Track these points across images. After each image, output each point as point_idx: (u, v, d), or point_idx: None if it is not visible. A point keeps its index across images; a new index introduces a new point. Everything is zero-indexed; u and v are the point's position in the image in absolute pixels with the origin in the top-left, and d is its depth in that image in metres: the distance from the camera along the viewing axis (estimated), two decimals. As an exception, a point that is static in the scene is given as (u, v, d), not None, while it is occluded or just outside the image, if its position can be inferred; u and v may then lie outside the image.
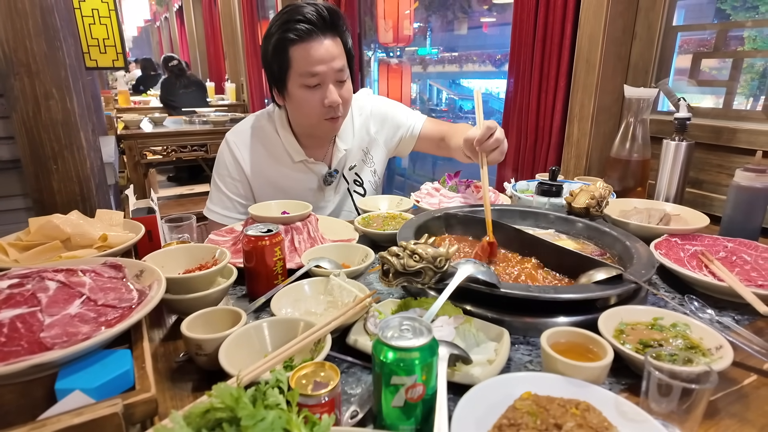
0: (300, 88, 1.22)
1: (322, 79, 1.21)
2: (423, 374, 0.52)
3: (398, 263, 0.73)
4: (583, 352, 0.65)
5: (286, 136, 1.36)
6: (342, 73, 1.23)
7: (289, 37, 1.17)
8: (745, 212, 1.11)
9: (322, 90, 1.22)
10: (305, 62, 1.18)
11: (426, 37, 4.75)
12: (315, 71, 1.19)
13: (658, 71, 1.57)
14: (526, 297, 0.75)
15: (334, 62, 1.20)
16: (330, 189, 1.45)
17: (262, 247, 0.84)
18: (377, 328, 0.69)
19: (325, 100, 1.22)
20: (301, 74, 1.20)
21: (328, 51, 1.19)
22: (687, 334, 0.70)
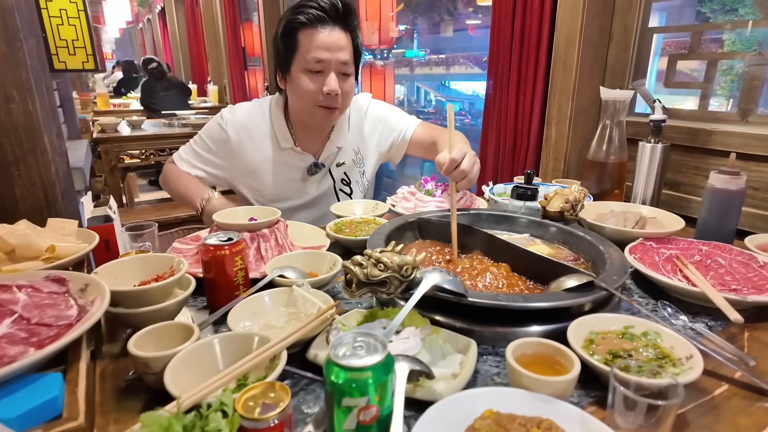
0: (302, 72, 1.24)
1: (325, 67, 1.22)
2: (377, 394, 0.49)
3: (361, 273, 0.70)
4: (550, 364, 0.63)
5: (278, 121, 1.36)
6: (346, 66, 1.25)
7: (298, 20, 1.20)
8: (719, 215, 1.10)
9: (323, 78, 1.24)
10: (311, 47, 1.21)
11: (413, 39, 4.75)
12: (319, 57, 1.21)
13: (635, 73, 1.56)
14: (493, 306, 0.72)
15: (340, 53, 1.22)
16: (313, 181, 1.44)
17: (221, 257, 0.80)
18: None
19: (324, 87, 1.23)
20: (305, 59, 1.22)
21: (335, 40, 1.21)
22: (658, 343, 0.68)
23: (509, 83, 1.79)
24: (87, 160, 2.12)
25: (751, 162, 1.29)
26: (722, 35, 1.46)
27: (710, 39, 1.47)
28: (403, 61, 4.94)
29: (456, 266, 0.94)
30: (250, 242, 0.98)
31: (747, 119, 1.32)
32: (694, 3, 1.65)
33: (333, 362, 0.49)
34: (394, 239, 1.05)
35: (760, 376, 0.67)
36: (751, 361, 0.70)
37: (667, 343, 0.67)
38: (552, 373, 0.61)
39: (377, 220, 1.21)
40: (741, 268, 0.96)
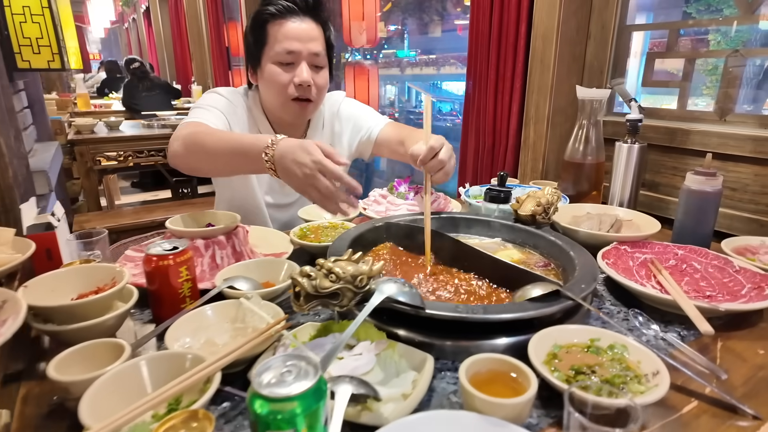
0: (273, 65, 1.20)
1: (296, 58, 1.19)
2: (306, 425, 0.44)
3: (309, 285, 0.65)
4: (508, 383, 0.58)
5: (259, 115, 1.33)
6: (318, 58, 1.21)
7: (268, 11, 1.18)
8: (695, 217, 1.06)
9: (294, 69, 1.20)
10: (281, 38, 1.18)
11: (403, 39, 4.71)
12: (289, 48, 1.18)
13: (614, 71, 1.53)
14: (451, 318, 0.68)
15: (311, 44, 1.19)
16: None
17: (164, 268, 0.75)
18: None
19: (296, 78, 1.19)
20: (275, 50, 1.19)
21: (305, 31, 1.19)
22: (624, 357, 0.64)
23: (487, 82, 1.75)
24: (55, 162, 2.05)
25: (728, 162, 1.26)
26: (707, 35, 1.43)
27: (696, 39, 1.44)
28: (393, 62, 4.90)
29: (426, 273, 0.89)
30: (204, 250, 0.93)
31: (725, 119, 1.29)
32: (680, 3, 1.63)
33: (255, 392, 0.44)
34: (361, 245, 1.00)
35: (731, 391, 0.63)
36: (722, 375, 0.66)
37: (634, 357, 0.63)
38: (509, 393, 0.56)
39: (345, 225, 1.16)
40: (716, 273, 0.93)
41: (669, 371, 0.63)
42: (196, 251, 0.93)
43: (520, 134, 1.69)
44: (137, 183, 5.71)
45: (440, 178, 1.03)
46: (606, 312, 0.85)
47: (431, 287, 0.84)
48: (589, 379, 0.59)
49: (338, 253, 0.80)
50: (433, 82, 5.44)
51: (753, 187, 1.24)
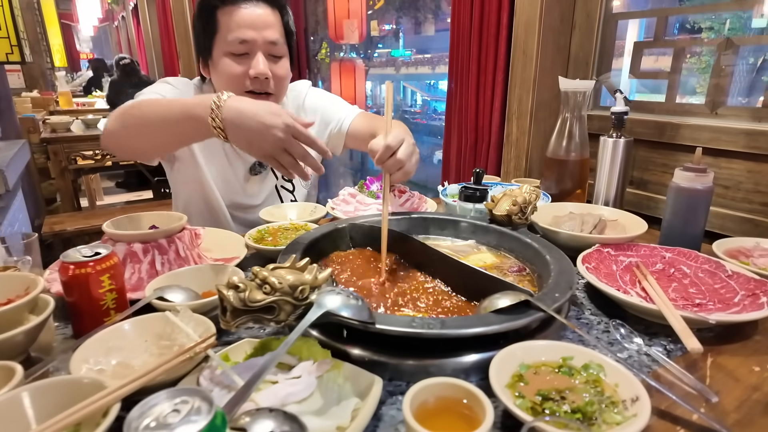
0: (226, 56, 1.10)
1: (251, 48, 1.09)
2: (195, 477, 0.36)
3: (236, 298, 0.56)
4: (461, 413, 0.50)
5: None
6: (275, 47, 1.11)
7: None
8: (684, 217, 0.98)
9: (249, 60, 1.10)
10: (233, 26, 1.07)
11: (398, 38, 4.64)
12: (243, 37, 1.07)
13: (599, 63, 1.45)
14: (404, 335, 0.59)
15: (267, 31, 1.09)
16: (255, 181, 1.30)
17: (83, 276, 0.66)
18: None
19: (251, 70, 1.09)
20: (227, 40, 1.08)
21: (260, 18, 1.09)
22: (600, 379, 0.55)
23: (469, 76, 1.67)
24: (18, 161, 1.94)
25: (720, 158, 1.18)
26: (701, 34, 1.35)
27: (690, 38, 1.35)
28: (388, 61, 4.83)
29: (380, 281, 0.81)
30: (143, 255, 0.84)
31: (716, 112, 1.22)
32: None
33: (129, 441, 0.35)
34: (320, 249, 0.92)
35: (723, 417, 0.55)
36: (712, 397, 0.58)
37: (612, 380, 0.55)
38: (462, 426, 0.48)
39: (308, 226, 1.07)
40: (707, 278, 0.85)
41: (652, 394, 0.55)
42: (133, 256, 0.84)
43: (503, 130, 1.60)
44: (122, 183, 5.60)
45: (399, 177, 0.94)
46: (585, 323, 0.77)
47: (391, 298, 0.76)
48: (558, 408, 0.51)
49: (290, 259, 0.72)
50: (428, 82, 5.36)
51: (746, 184, 1.16)
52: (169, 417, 0.36)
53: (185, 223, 0.92)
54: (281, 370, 0.60)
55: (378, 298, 0.75)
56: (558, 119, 1.27)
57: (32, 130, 2.90)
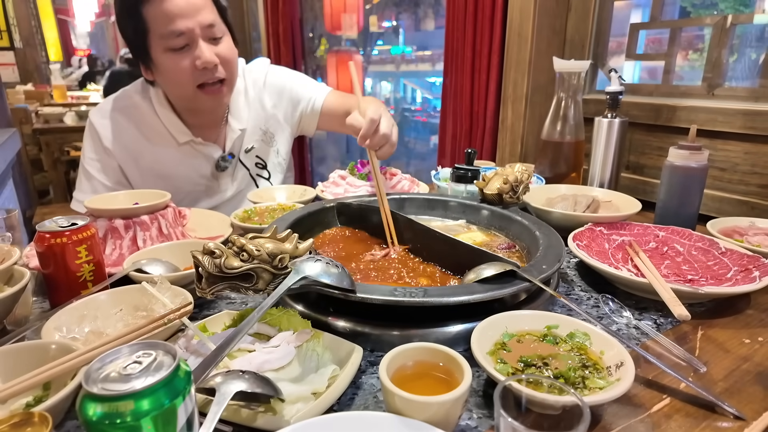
0: (165, 54, 1.02)
1: (190, 38, 1.01)
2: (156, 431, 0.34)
3: (211, 263, 0.55)
4: (442, 378, 0.48)
5: (166, 115, 1.15)
6: (213, 29, 1.03)
7: None
8: (679, 196, 0.97)
9: (191, 51, 1.02)
10: (164, 20, 0.98)
11: (398, 35, 4.60)
12: (177, 29, 0.99)
13: (595, 45, 1.43)
14: (386, 303, 0.58)
15: (200, 15, 1.00)
16: (225, 176, 1.25)
17: (59, 246, 0.64)
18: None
19: (197, 61, 1.01)
20: (161, 35, 1.00)
21: (189, 3, 0.99)
22: (585, 346, 0.54)
23: (464, 60, 1.65)
24: (6, 150, 1.93)
25: (717, 140, 1.16)
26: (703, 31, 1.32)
27: (695, 36, 1.32)
28: (388, 58, 4.79)
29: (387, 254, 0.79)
30: (124, 231, 0.82)
31: (713, 93, 1.20)
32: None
33: (85, 391, 0.33)
34: (307, 227, 0.90)
35: (710, 386, 0.53)
36: (701, 367, 0.56)
37: (597, 347, 0.53)
38: (442, 390, 0.46)
39: (296, 207, 1.05)
40: (700, 255, 0.84)
41: (640, 364, 0.54)
42: (114, 232, 0.82)
43: (498, 115, 1.59)
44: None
45: (387, 152, 0.91)
46: (574, 298, 0.75)
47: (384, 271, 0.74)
48: (540, 373, 0.49)
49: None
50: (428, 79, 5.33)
51: (743, 166, 1.14)
52: (129, 368, 0.35)
53: (169, 201, 0.91)
54: (260, 340, 0.59)
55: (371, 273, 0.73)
56: (553, 101, 1.25)
57: (24, 120, 2.88)
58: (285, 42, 3.20)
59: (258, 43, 3.74)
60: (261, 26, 3.53)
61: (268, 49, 3.28)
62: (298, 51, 3.29)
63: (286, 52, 3.22)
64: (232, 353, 0.55)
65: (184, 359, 0.37)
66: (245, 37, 4.07)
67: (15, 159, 2.37)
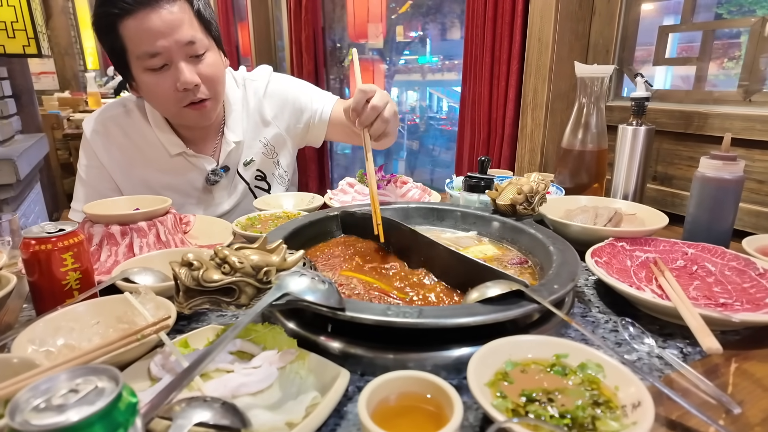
0: (144, 73, 0.98)
1: (168, 58, 0.97)
2: (89, 472, 0.30)
3: (188, 276, 0.51)
4: (431, 413, 0.43)
5: (159, 126, 1.13)
6: (194, 46, 0.98)
7: (112, 12, 0.93)
8: (711, 210, 0.89)
9: (171, 70, 0.98)
10: (139, 40, 0.94)
11: (425, 44, 4.57)
12: (153, 50, 0.95)
13: (621, 50, 1.35)
14: (375, 323, 0.53)
15: (178, 34, 0.95)
16: (220, 189, 1.21)
17: (44, 253, 0.62)
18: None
19: (177, 83, 0.98)
20: (139, 56, 0.96)
21: (165, 21, 0.94)
22: (598, 380, 0.48)
23: (482, 67, 1.60)
24: (32, 154, 1.97)
25: (754, 150, 1.07)
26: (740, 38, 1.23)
27: (728, 44, 1.23)
28: (415, 68, 4.77)
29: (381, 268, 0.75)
30: (120, 238, 0.80)
31: (750, 99, 1.11)
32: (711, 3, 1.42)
33: (8, 427, 0.30)
34: (309, 238, 0.87)
35: (746, 430, 0.46)
36: (734, 408, 0.49)
37: (612, 381, 0.47)
38: (430, 428, 0.41)
39: (301, 215, 1.02)
40: (735, 276, 0.76)
41: (662, 402, 0.47)
42: (110, 238, 0.80)
43: (517, 123, 1.52)
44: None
45: (379, 128, 0.84)
46: (591, 321, 0.69)
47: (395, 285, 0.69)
48: (544, 411, 0.44)
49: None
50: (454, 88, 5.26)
51: (783, 178, 1.05)
52: (63, 398, 0.31)
53: (169, 207, 0.88)
54: (241, 359, 0.54)
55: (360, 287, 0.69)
56: (574, 107, 1.18)
57: (56, 126, 2.96)
58: (308, 50, 3.21)
59: (283, 52, 3.77)
60: (285, 35, 3.56)
61: (291, 57, 3.31)
62: (320, 59, 3.29)
63: (308, 61, 3.23)
64: (209, 373, 0.51)
65: (129, 388, 0.33)
66: (270, 46, 4.13)
67: (43, 163, 2.43)
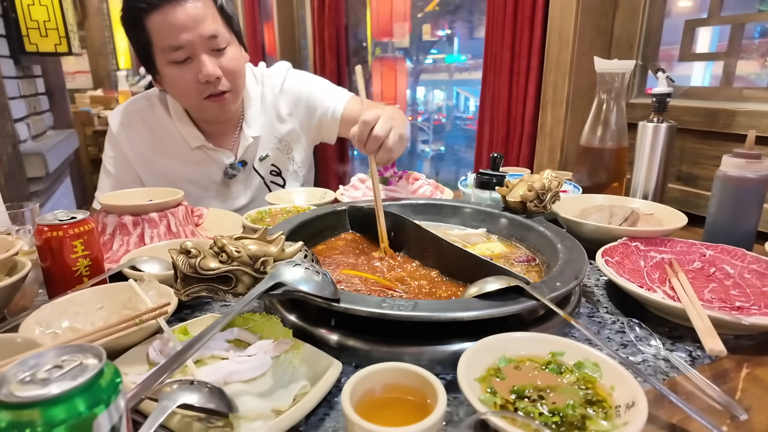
0: (168, 66, 1.03)
1: (191, 51, 1.01)
2: (69, 445, 0.31)
3: (185, 263, 0.52)
4: (418, 405, 0.43)
5: (181, 119, 1.16)
6: (216, 40, 1.02)
7: (139, 6, 0.97)
8: (733, 210, 0.85)
9: (193, 63, 1.02)
10: (164, 34, 0.99)
11: (452, 43, 4.55)
12: (177, 43, 0.99)
13: (644, 46, 1.31)
14: (369, 315, 0.53)
15: (201, 28, 0.99)
16: (237, 183, 1.24)
17: (56, 240, 0.65)
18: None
19: (199, 76, 1.01)
20: (163, 49, 1.00)
21: (190, 15, 0.98)
22: (594, 379, 0.46)
23: (502, 63, 1.57)
24: (62, 149, 2.04)
25: (784, 148, 1.02)
26: None
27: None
28: (442, 67, 4.75)
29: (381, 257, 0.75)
30: (132, 228, 0.82)
31: (781, 96, 1.06)
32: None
33: (-6, 396, 0.31)
34: (316, 232, 0.87)
35: (751, 439, 0.44)
36: (741, 414, 0.47)
37: (608, 381, 0.46)
38: (416, 419, 0.41)
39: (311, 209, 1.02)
40: (755, 279, 0.72)
41: (662, 405, 0.45)
42: (122, 228, 0.82)
43: (536, 120, 1.49)
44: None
45: (383, 157, 0.85)
46: (597, 321, 0.67)
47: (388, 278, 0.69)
48: (534, 408, 0.43)
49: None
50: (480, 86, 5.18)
51: (816, 179, 0.99)
52: (48, 372, 0.32)
53: (181, 199, 0.90)
54: (237, 347, 0.55)
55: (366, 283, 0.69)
56: (593, 104, 1.15)
57: (87, 123, 3.06)
58: (330, 49, 3.23)
59: (306, 50, 3.80)
60: (309, 34, 3.59)
61: (314, 56, 3.33)
62: (343, 58, 3.31)
63: (331, 59, 3.25)
64: (204, 360, 0.52)
65: (114, 366, 0.34)
66: (295, 45, 4.16)
67: (73, 158, 2.52)
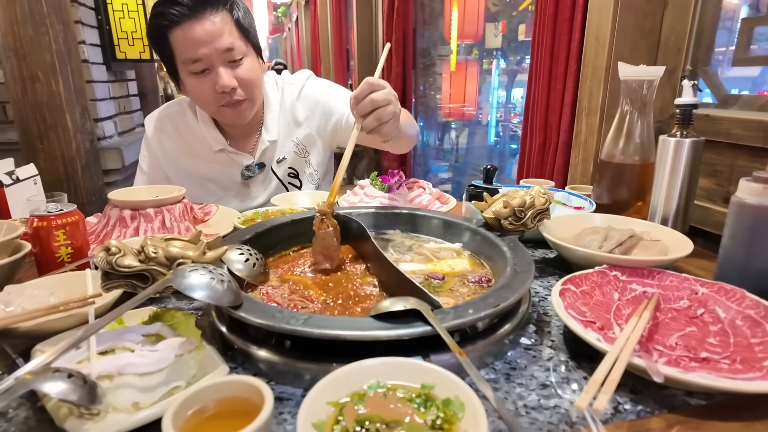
0: (189, 77, 1.12)
1: (209, 63, 1.09)
2: None
3: (104, 260, 0.57)
4: (249, 413, 0.43)
5: (206, 123, 1.27)
6: (232, 52, 1.10)
7: (162, 24, 1.06)
8: (746, 244, 0.73)
9: (211, 75, 1.10)
10: (185, 47, 1.08)
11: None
12: (195, 56, 1.07)
13: (695, 50, 1.15)
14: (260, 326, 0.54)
15: (218, 41, 1.07)
16: (256, 183, 1.32)
17: (43, 229, 0.74)
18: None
19: (216, 86, 1.10)
20: (184, 61, 1.10)
21: (207, 30, 1.06)
22: (455, 419, 0.43)
23: (542, 68, 1.48)
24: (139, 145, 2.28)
25: None
26: None
27: None
28: (526, 67, 4.59)
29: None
30: (130, 221, 0.91)
31: None
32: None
33: None
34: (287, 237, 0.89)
35: None
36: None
37: (467, 424, 0.42)
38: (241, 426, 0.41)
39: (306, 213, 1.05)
40: (746, 328, 0.62)
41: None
42: (122, 221, 0.92)
43: (573, 130, 1.39)
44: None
45: (370, 123, 0.81)
46: (532, 356, 0.61)
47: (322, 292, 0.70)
48: (366, 441, 0.41)
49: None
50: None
51: None
52: None
53: (180, 196, 0.98)
54: (150, 341, 0.59)
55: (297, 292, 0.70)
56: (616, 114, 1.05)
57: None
58: (396, 53, 3.25)
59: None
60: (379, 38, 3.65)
61: (382, 59, 3.36)
62: (409, 62, 3.32)
63: (396, 63, 3.27)
64: (116, 349, 0.57)
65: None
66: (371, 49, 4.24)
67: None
